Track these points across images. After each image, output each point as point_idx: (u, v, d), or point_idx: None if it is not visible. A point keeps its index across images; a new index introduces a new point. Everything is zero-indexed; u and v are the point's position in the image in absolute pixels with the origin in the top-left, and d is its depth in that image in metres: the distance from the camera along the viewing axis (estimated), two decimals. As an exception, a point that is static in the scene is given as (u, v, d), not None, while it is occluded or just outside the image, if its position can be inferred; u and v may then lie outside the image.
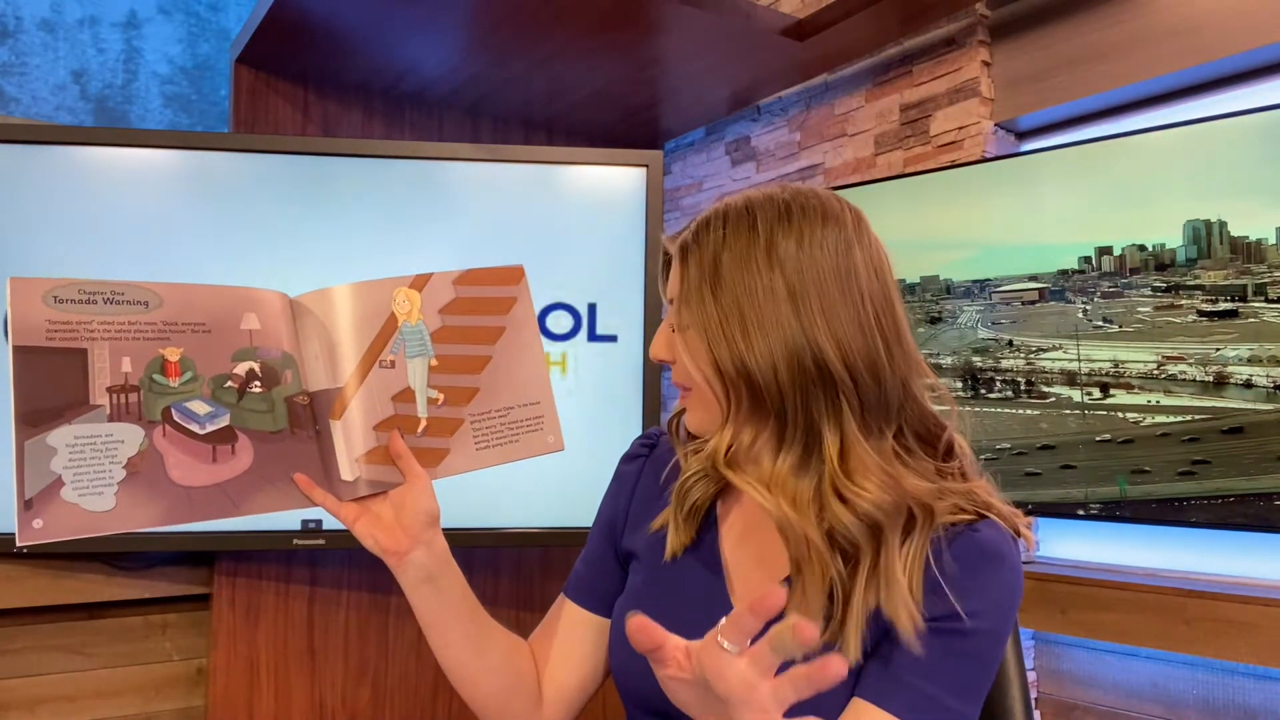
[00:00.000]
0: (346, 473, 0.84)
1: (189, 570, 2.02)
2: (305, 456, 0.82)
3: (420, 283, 0.87)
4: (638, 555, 0.92)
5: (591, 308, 2.02)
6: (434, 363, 0.87)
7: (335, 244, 1.94)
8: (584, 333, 2.02)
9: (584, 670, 0.93)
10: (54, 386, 0.72)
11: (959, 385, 1.80)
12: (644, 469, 0.96)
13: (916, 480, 0.73)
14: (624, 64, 2.10)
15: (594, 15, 1.85)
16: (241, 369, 0.80)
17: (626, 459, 0.99)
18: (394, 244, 1.96)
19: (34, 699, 1.89)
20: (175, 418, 0.77)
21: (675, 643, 0.59)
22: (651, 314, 2.02)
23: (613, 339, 2.02)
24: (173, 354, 0.77)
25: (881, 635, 0.73)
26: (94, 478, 0.73)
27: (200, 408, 0.78)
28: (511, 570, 2.29)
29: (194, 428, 0.78)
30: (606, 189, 2.05)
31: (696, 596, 0.84)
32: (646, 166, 2.05)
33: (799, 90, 2.28)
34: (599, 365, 2.01)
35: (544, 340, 2.00)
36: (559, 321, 2.01)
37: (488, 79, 2.20)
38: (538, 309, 2.00)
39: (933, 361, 1.83)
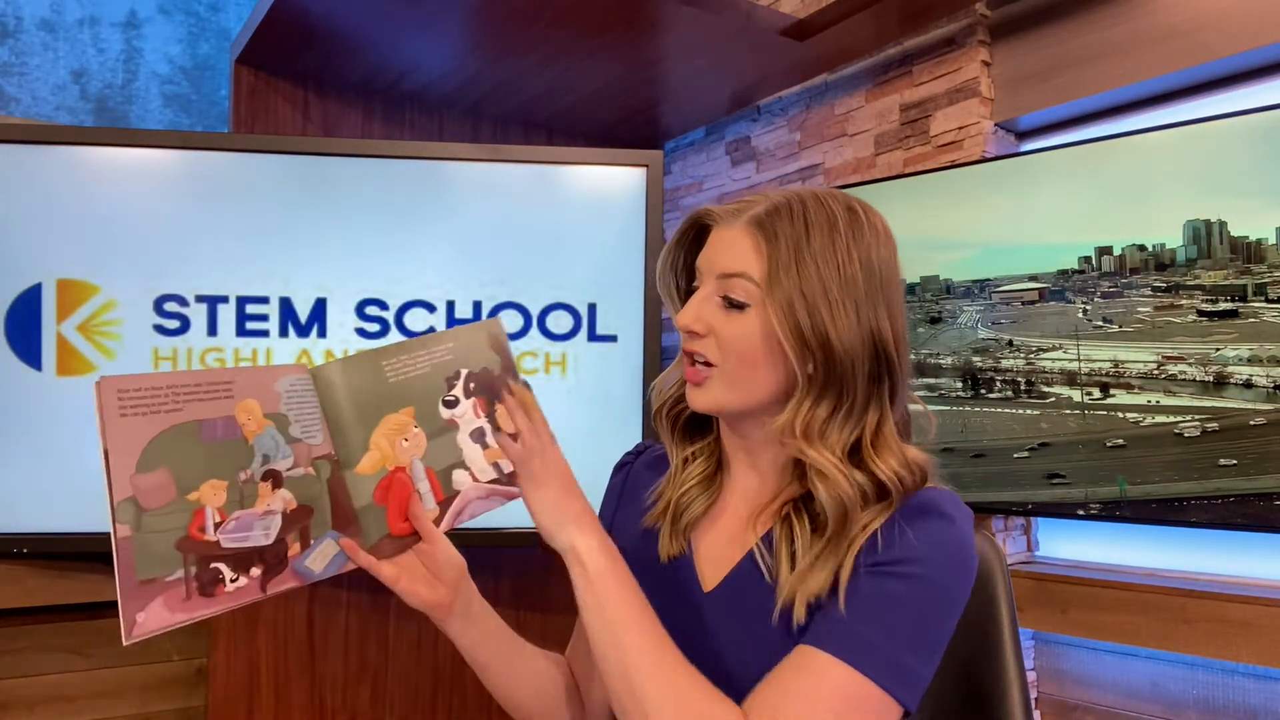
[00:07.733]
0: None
1: (189, 570, 2.02)
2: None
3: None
4: (625, 552, 0.93)
5: (591, 308, 2.02)
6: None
7: (335, 244, 1.94)
8: (584, 333, 2.01)
9: None
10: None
11: (959, 385, 1.80)
12: (629, 475, 1.01)
13: (915, 452, 0.82)
14: (624, 64, 2.10)
15: (594, 15, 1.85)
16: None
17: (615, 470, 1.04)
18: (394, 244, 1.96)
19: (34, 699, 1.89)
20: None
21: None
22: (651, 314, 2.02)
23: (613, 339, 2.02)
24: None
25: (830, 591, 0.76)
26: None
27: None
28: (512, 570, 2.29)
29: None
30: (606, 189, 2.05)
31: (673, 589, 0.87)
32: (646, 166, 2.05)
33: (799, 90, 2.28)
34: (599, 365, 2.01)
35: (544, 340, 2.01)
36: (559, 321, 2.01)
37: (488, 79, 2.20)
38: (538, 309, 2.01)
39: (933, 361, 1.83)
